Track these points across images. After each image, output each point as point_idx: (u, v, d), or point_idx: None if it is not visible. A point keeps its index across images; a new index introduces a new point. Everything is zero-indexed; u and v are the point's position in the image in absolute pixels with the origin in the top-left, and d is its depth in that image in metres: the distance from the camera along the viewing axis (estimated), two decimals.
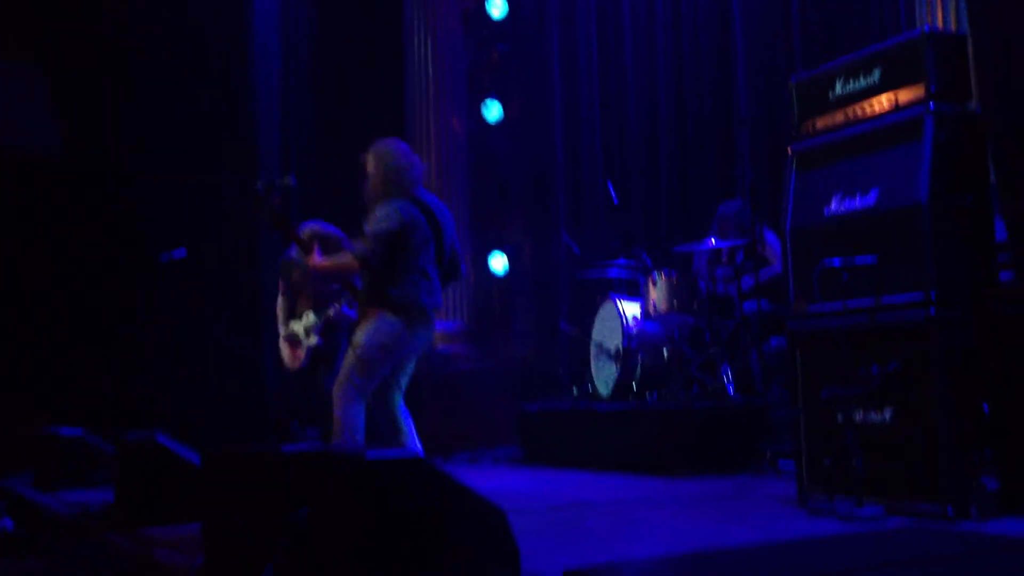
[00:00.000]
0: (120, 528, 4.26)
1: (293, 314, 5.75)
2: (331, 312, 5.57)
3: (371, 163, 4.64)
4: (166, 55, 7.79)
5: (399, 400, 4.65)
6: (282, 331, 5.73)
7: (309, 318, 5.65)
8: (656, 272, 6.38)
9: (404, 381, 4.67)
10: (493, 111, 8.62)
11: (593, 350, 6.65)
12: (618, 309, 6.55)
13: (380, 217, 4.46)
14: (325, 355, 5.67)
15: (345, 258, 4.59)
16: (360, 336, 4.48)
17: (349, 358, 4.51)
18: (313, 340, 5.61)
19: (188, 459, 4.45)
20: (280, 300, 5.81)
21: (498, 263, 8.49)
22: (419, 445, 4.62)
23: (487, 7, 8.63)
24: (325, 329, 5.62)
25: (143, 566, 3.73)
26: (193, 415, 6.86)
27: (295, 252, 5.67)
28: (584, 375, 6.95)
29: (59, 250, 7.72)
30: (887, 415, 3.83)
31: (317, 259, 4.61)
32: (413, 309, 4.47)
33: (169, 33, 7.83)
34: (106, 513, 4.73)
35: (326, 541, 2.90)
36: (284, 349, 5.73)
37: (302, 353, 5.67)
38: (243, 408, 7.26)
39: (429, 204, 4.63)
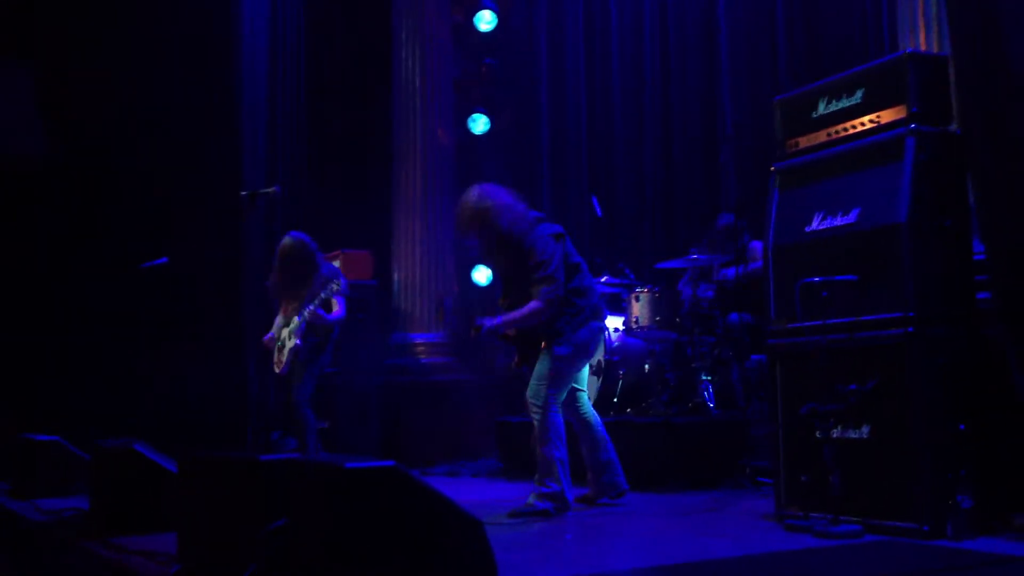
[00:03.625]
0: (95, 536, 4.23)
1: (287, 323, 5.94)
2: (306, 314, 5.69)
3: (483, 211, 4.82)
4: (153, 63, 7.78)
5: (584, 399, 5.00)
6: (277, 339, 5.97)
7: (294, 322, 5.80)
8: (639, 287, 6.40)
9: (584, 382, 5.03)
10: (480, 123, 8.65)
11: None
12: None
13: (540, 250, 4.67)
14: (301, 360, 5.77)
15: (534, 307, 4.65)
16: (552, 351, 4.69)
17: (542, 371, 4.69)
18: (293, 342, 5.76)
19: (165, 467, 4.43)
20: (279, 317, 6.05)
21: (481, 275, 8.49)
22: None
23: (476, 21, 8.66)
24: (305, 331, 5.76)
25: (118, 575, 3.70)
26: (172, 424, 6.82)
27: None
28: None
29: (40, 256, 7.68)
30: (865, 432, 3.84)
31: (507, 318, 4.73)
32: (595, 312, 4.81)
33: (157, 41, 7.82)
34: (81, 521, 4.69)
35: (303, 551, 2.89)
36: (275, 354, 5.97)
37: (284, 357, 5.80)
38: (222, 417, 7.23)
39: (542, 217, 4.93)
